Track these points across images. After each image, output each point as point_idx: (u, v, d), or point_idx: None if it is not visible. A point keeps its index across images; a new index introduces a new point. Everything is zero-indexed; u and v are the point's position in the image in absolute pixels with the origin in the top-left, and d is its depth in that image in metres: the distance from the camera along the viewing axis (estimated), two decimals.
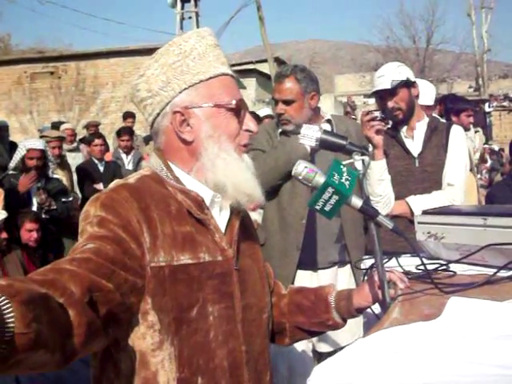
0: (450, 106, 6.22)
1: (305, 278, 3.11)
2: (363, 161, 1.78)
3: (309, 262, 3.16)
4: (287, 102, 3.15)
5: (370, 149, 2.98)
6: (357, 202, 1.67)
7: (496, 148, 18.14)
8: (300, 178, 1.67)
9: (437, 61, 37.97)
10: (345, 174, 1.65)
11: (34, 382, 2.26)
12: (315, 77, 3.27)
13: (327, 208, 1.64)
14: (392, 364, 1.30)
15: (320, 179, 1.64)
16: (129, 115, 10.62)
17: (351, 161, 1.79)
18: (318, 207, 1.65)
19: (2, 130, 8.91)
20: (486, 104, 23.64)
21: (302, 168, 1.66)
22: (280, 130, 3.26)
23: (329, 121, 3.24)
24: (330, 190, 1.61)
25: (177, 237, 1.51)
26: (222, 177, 1.56)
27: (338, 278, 3.21)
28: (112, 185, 1.57)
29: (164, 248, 1.48)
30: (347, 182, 1.63)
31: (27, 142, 6.06)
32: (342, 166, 1.67)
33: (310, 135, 1.82)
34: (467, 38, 36.24)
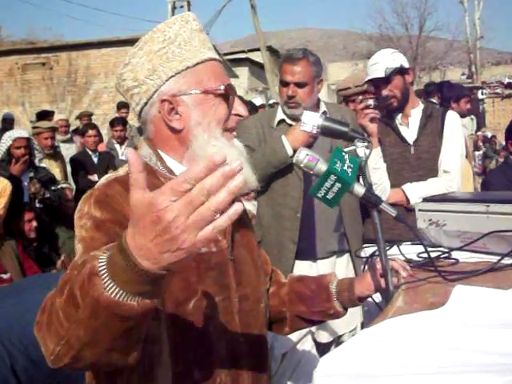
0: (448, 94, 6.18)
1: (304, 269, 3.08)
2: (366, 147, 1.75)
3: (308, 252, 3.14)
4: (299, 85, 3.10)
5: None
6: (359, 189, 1.64)
7: (489, 135, 18.20)
8: (301, 165, 1.64)
9: (429, 48, 37.89)
10: (347, 162, 1.62)
11: (30, 373, 2.24)
12: (320, 60, 3.25)
13: (329, 196, 1.61)
14: (398, 354, 1.28)
15: (322, 167, 1.61)
16: (123, 105, 10.49)
17: (353, 147, 1.76)
18: (320, 195, 1.62)
19: (7, 122, 8.83)
20: (480, 91, 23.68)
21: (303, 156, 1.63)
22: (278, 120, 3.22)
23: (324, 113, 3.19)
24: (333, 177, 1.58)
25: None
26: None
27: (336, 267, 3.19)
28: (103, 180, 1.54)
29: None
30: (350, 170, 1.60)
31: (12, 132, 6.03)
32: (344, 153, 1.64)
33: (311, 122, 1.79)
34: (460, 25, 36.31)
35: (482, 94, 23.96)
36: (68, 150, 8.21)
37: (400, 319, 1.47)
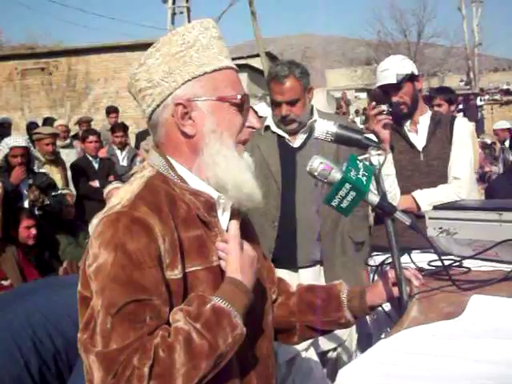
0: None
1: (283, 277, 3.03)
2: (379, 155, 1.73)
3: (288, 261, 3.10)
4: (291, 103, 3.08)
5: None
6: (374, 198, 1.62)
7: (488, 141, 18.17)
8: (315, 174, 1.61)
9: (428, 55, 37.98)
10: (361, 170, 1.60)
11: (42, 373, 2.24)
12: (307, 69, 3.21)
13: (344, 205, 1.59)
14: (417, 366, 1.26)
15: (336, 175, 1.58)
16: (112, 110, 10.31)
17: (366, 156, 1.74)
18: (334, 204, 1.59)
19: (4, 126, 8.80)
20: (478, 98, 23.72)
21: (317, 164, 1.60)
22: (265, 125, 3.23)
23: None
24: (348, 186, 1.56)
25: (185, 243, 1.45)
26: (222, 175, 1.50)
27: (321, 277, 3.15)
28: (125, 200, 1.43)
29: (180, 258, 1.43)
30: (364, 178, 1.58)
31: (9, 140, 5.93)
32: (358, 162, 1.62)
33: (325, 129, 1.77)
34: (458, 32, 36.37)
35: (481, 100, 24.00)
36: (68, 156, 8.15)
37: (417, 329, 1.45)
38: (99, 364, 1.29)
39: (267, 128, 3.24)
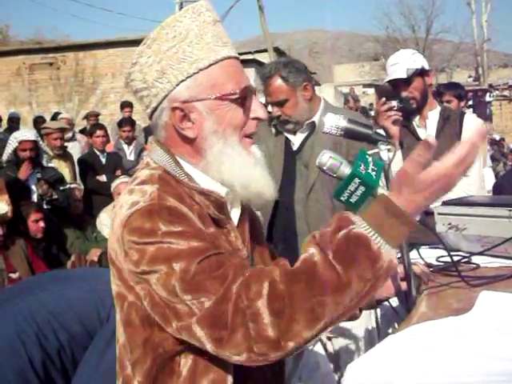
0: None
1: None
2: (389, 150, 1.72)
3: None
4: (280, 103, 3.05)
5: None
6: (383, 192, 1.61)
7: (497, 137, 18.10)
8: (324, 168, 1.60)
9: (436, 50, 37.76)
10: (371, 165, 1.58)
11: (46, 368, 2.24)
12: (302, 66, 3.14)
13: (353, 200, 1.58)
14: (427, 362, 1.26)
15: (345, 170, 1.57)
16: (126, 104, 10.36)
17: (376, 150, 1.73)
18: (343, 198, 1.58)
19: (13, 121, 8.83)
20: (487, 94, 23.61)
21: (326, 158, 1.60)
22: (273, 124, 3.20)
23: (312, 123, 3.15)
24: (357, 180, 1.55)
25: None
26: (228, 176, 1.44)
27: None
28: (151, 193, 1.35)
29: None
30: (373, 173, 1.57)
31: (18, 133, 5.95)
32: (367, 156, 1.61)
33: (334, 124, 1.75)
34: (467, 28, 36.13)
35: (490, 96, 23.89)
36: (72, 149, 8.15)
37: (426, 325, 1.45)
38: (204, 327, 1.22)
39: (275, 127, 3.22)
